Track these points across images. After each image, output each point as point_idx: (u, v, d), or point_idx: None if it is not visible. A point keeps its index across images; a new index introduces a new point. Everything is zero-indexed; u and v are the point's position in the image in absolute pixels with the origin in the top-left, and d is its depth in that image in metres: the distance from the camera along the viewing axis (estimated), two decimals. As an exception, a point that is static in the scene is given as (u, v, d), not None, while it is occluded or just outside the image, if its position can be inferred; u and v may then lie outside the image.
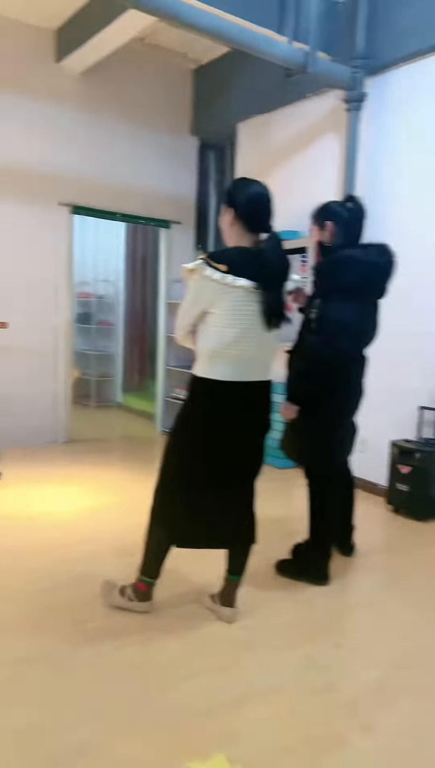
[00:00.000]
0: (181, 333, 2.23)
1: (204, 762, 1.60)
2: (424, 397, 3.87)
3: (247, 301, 2.07)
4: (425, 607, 2.56)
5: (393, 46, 3.98)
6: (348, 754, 1.67)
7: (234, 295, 2.05)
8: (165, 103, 5.63)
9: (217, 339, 2.10)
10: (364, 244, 2.68)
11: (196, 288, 2.09)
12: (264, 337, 2.14)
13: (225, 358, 2.11)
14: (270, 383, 2.27)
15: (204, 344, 2.14)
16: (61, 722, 1.76)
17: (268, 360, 2.24)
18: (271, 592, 2.62)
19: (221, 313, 2.07)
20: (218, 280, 2.02)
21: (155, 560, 2.34)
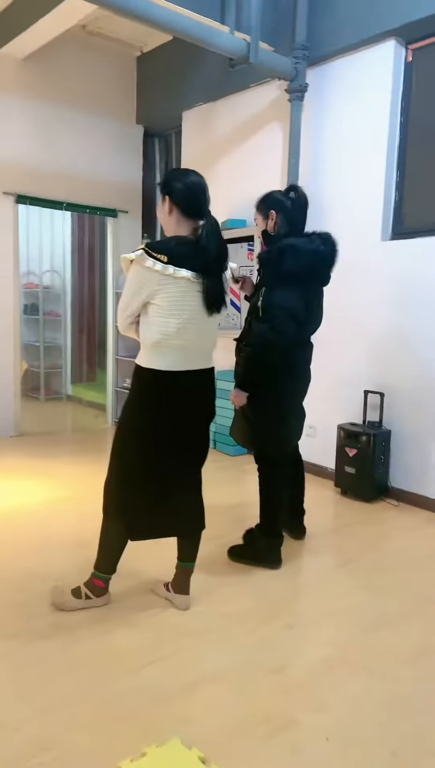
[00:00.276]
0: (124, 324, 2.22)
1: (160, 746, 1.64)
2: (369, 382, 3.99)
3: (189, 291, 2.09)
4: (373, 587, 2.66)
5: (333, 37, 4.04)
6: (299, 732, 1.74)
7: (176, 285, 2.06)
8: (109, 90, 5.55)
9: (161, 329, 2.11)
10: (307, 233, 2.74)
11: (137, 279, 2.08)
12: (206, 326, 2.18)
13: (169, 348, 2.13)
14: (213, 370, 2.31)
15: (148, 335, 2.15)
16: (18, 718, 1.76)
17: (210, 348, 2.28)
18: (224, 578, 2.68)
19: (163, 303, 2.08)
20: (160, 271, 2.03)
21: (111, 556, 2.36)
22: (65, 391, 7.27)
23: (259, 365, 2.63)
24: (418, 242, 3.70)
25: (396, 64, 3.83)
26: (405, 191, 3.93)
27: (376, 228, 3.93)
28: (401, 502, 3.76)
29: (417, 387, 3.71)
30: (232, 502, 3.68)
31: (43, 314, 6.99)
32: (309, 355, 2.86)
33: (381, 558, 2.96)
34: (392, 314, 3.83)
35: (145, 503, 2.28)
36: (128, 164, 5.79)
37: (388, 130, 3.86)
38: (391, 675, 2.02)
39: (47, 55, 5.02)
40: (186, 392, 2.20)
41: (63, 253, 7.14)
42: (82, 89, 5.37)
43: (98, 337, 6.85)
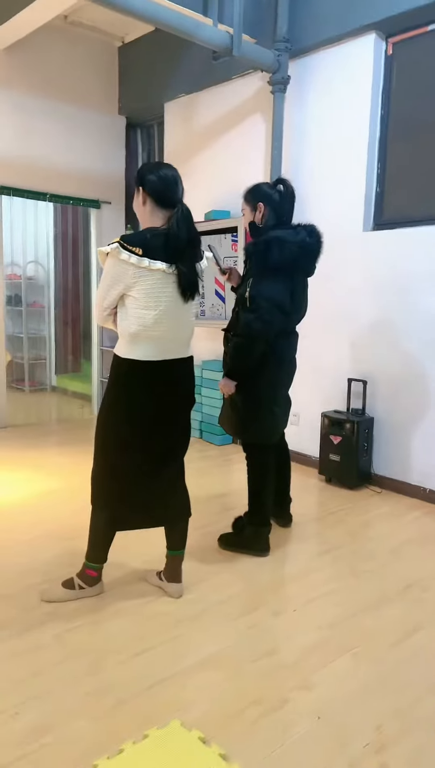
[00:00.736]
0: (101, 316, 2.27)
1: (161, 729, 1.71)
2: (352, 370, 4.07)
3: (165, 283, 2.15)
4: (357, 572, 2.75)
5: (314, 30, 4.07)
6: (291, 711, 1.83)
7: (152, 277, 2.11)
8: (91, 81, 5.53)
9: (138, 321, 2.16)
10: (293, 225, 2.80)
11: (114, 271, 2.12)
12: (182, 316, 2.24)
13: (147, 338, 2.19)
14: (191, 359, 2.37)
15: (125, 326, 2.20)
16: (17, 703, 1.82)
17: (187, 337, 2.33)
18: (214, 566, 2.75)
19: (140, 295, 2.13)
20: (135, 263, 2.08)
21: (101, 546, 2.41)
22: (50, 382, 7.27)
23: (247, 354, 2.69)
24: (399, 233, 3.78)
25: (376, 57, 3.88)
26: (386, 183, 4.00)
27: (358, 219, 4.00)
28: (384, 489, 3.87)
29: (398, 374, 3.81)
30: (220, 491, 3.75)
31: (26, 305, 6.97)
32: (294, 344, 2.93)
33: (365, 544, 3.06)
34: (374, 303, 3.92)
35: (128, 493, 2.34)
36: (111, 155, 5.78)
37: (369, 123, 3.92)
38: (375, 656, 2.12)
39: (29, 46, 4.99)
40: (165, 381, 2.26)
41: (46, 244, 7.11)
42: (65, 79, 5.34)
43: (82, 328, 6.85)
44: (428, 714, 1.84)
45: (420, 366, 3.68)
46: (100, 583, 2.47)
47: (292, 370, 2.96)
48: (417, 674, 2.03)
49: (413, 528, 3.29)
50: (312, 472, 4.18)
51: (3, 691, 1.88)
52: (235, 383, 2.77)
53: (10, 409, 5.46)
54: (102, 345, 6.00)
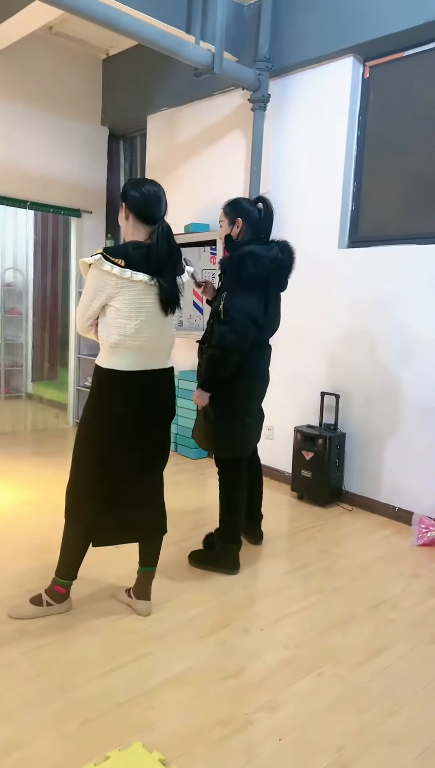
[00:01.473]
0: (83, 326, 2.29)
1: (122, 750, 1.73)
2: (326, 383, 4.13)
3: (146, 294, 2.18)
4: (326, 590, 2.78)
5: (295, 50, 4.15)
6: (255, 731, 1.85)
7: (133, 288, 2.15)
8: (74, 91, 5.55)
9: (119, 331, 2.19)
10: (267, 240, 2.86)
11: (96, 282, 2.16)
12: (162, 327, 2.27)
13: (127, 348, 2.21)
14: (171, 370, 2.40)
15: (106, 336, 2.23)
16: (-17, 725, 1.82)
17: (168, 348, 2.36)
18: (184, 583, 2.77)
19: (121, 306, 2.17)
20: (117, 274, 2.12)
21: (72, 560, 2.40)
22: (25, 389, 7.22)
23: (221, 366, 2.72)
24: (373, 250, 3.85)
25: (354, 80, 3.96)
26: (361, 201, 4.07)
27: (334, 236, 4.07)
28: (354, 507, 3.91)
29: (371, 389, 3.86)
30: (193, 506, 3.76)
31: (4, 312, 6.92)
32: (268, 357, 2.98)
33: (335, 562, 3.09)
34: (347, 318, 3.98)
35: (104, 507, 2.34)
36: (93, 165, 5.79)
37: (346, 142, 3.99)
38: (340, 676, 2.15)
39: (13, 55, 4.99)
40: (145, 392, 2.28)
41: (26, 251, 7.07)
42: (48, 89, 5.35)
43: (60, 336, 6.83)
44: (390, 733, 1.88)
45: (392, 381, 3.74)
46: (69, 599, 2.46)
47: (266, 382, 3.01)
48: (381, 694, 2.07)
49: (383, 546, 3.34)
50: (285, 488, 4.21)
51: (-32, 711, 1.88)
52: (208, 395, 2.80)
53: (-16, 417, 5.43)
54: (79, 353, 5.99)
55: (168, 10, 4.01)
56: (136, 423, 2.28)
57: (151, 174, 5.42)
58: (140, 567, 2.52)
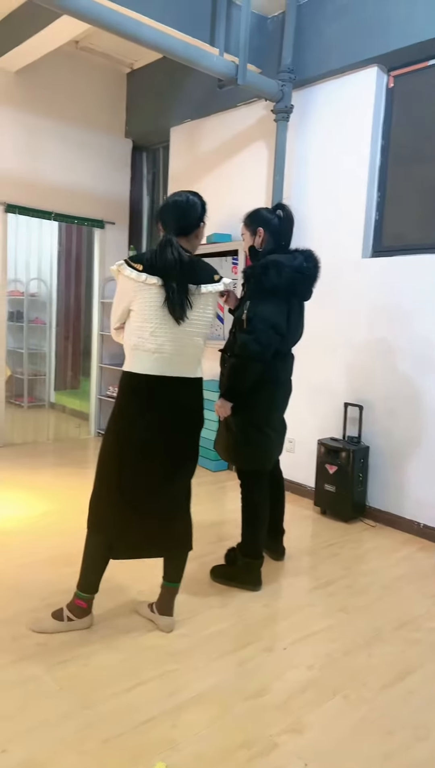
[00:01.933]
0: (113, 331, 2.42)
1: (146, 772, 1.71)
2: (349, 394, 4.08)
3: (161, 298, 2.21)
4: (350, 609, 2.74)
5: (318, 61, 4.15)
6: (280, 755, 1.81)
7: (149, 292, 2.20)
8: (99, 104, 5.62)
9: (137, 333, 2.25)
10: (291, 249, 2.85)
11: (120, 287, 2.28)
12: (180, 333, 2.26)
13: (146, 351, 2.24)
14: (198, 381, 2.37)
15: (127, 339, 2.31)
16: (5, 739, 1.81)
17: (192, 356, 2.33)
18: (206, 599, 2.74)
19: (139, 309, 2.23)
20: (135, 278, 2.20)
21: (93, 574, 2.39)
22: (48, 398, 7.29)
23: (243, 375, 2.70)
24: (397, 260, 3.82)
25: (378, 90, 3.95)
26: (385, 211, 4.05)
27: (357, 245, 4.05)
28: (378, 523, 3.85)
29: (394, 400, 3.81)
30: (213, 519, 3.74)
31: (27, 321, 7.00)
32: (290, 366, 2.95)
33: (358, 580, 3.04)
34: (372, 329, 3.94)
35: (125, 517, 2.32)
36: (116, 177, 5.85)
37: (370, 152, 3.97)
38: (365, 699, 2.11)
39: (40, 69, 5.09)
40: (164, 398, 2.27)
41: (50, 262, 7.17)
42: (73, 103, 5.43)
43: (83, 345, 6.89)
44: (417, 759, 1.83)
45: (416, 392, 3.69)
46: (90, 615, 2.44)
47: (288, 391, 2.98)
48: (407, 718, 2.02)
49: (407, 564, 3.28)
50: (306, 502, 4.16)
51: (-8, 728, 1.87)
52: (230, 405, 2.77)
53: (7, 426, 5.47)
54: (101, 362, 6.02)
55: (192, 23, 4.04)
56: (157, 430, 2.28)
57: (173, 185, 5.45)
58: (164, 582, 2.50)
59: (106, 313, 5.96)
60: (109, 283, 5.94)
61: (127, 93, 5.82)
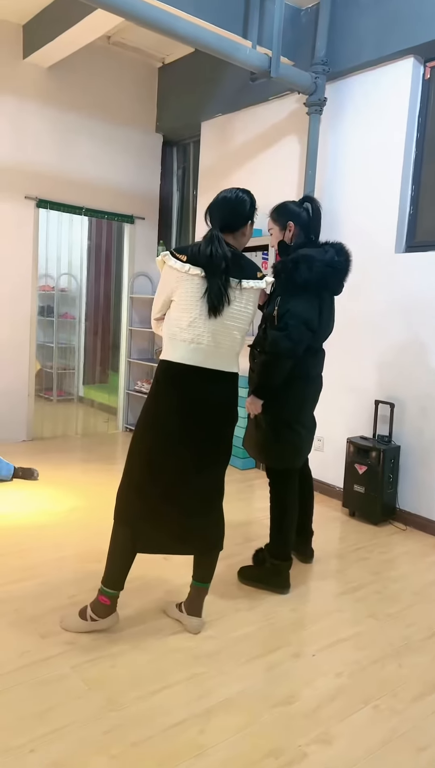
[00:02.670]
0: (153, 319, 2.45)
1: (173, 779, 1.70)
2: (379, 391, 4.01)
3: (202, 289, 2.23)
4: (380, 616, 2.69)
5: (352, 53, 4.07)
6: (308, 766, 1.79)
7: (190, 282, 2.22)
8: (130, 99, 5.60)
9: (175, 323, 2.27)
10: (321, 243, 2.80)
11: (163, 276, 2.31)
12: (218, 325, 2.26)
13: (182, 341, 2.25)
14: (234, 375, 2.36)
15: (166, 328, 2.33)
16: (33, 738, 1.82)
17: (229, 350, 2.32)
18: (234, 601, 2.72)
19: (180, 299, 2.25)
20: (178, 268, 2.22)
21: (119, 568, 2.35)
22: (77, 392, 7.34)
23: (274, 372, 2.67)
24: (431, 255, 3.74)
25: (414, 81, 3.86)
26: (419, 205, 3.96)
27: (391, 240, 3.97)
28: (408, 526, 3.78)
29: (427, 398, 3.73)
30: (241, 519, 3.72)
31: (57, 316, 7.05)
32: (321, 361, 2.90)
33: (388, 585, 2.99)
34: (404, 324, 3.87)
35: (152, 509, 2.30)
36: (146, 172, 5.83)
37: (404, 145, 3.89)
38: (396, 710, 2.07)
39: (71, 65, 5.09)
40: (197, 389, 2.27)
41: (80, 256, 7.20)
42: (104, 98, 5.42)
43: (112, 340, 6.92)
44: (449, 777, 1.79)
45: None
46: (115, 614, 2.41)
47: (319, 387, 2.94)
48: (438, 731, 1.98)
49: (438, 569, 3.22)
50: (335, 503, 4.11)
51: (20, 725, 1.88)
52: (261, 402, 2.74)
53: (37, 420, 5.52)
54: (130, 357, 6.04)
55: (225, 16, 4.00)
56: (188, 421, 2.27)
57: (203, 180, 5.41)
58: (193, 581, 2.48)
59: (135, 308, 5.97)
60: (138, 278, 5.94)
61: (158, 88, 5.78)
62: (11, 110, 4.92)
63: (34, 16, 4.69)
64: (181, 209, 6.08)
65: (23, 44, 4.88)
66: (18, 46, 4.88)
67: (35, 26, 4.72)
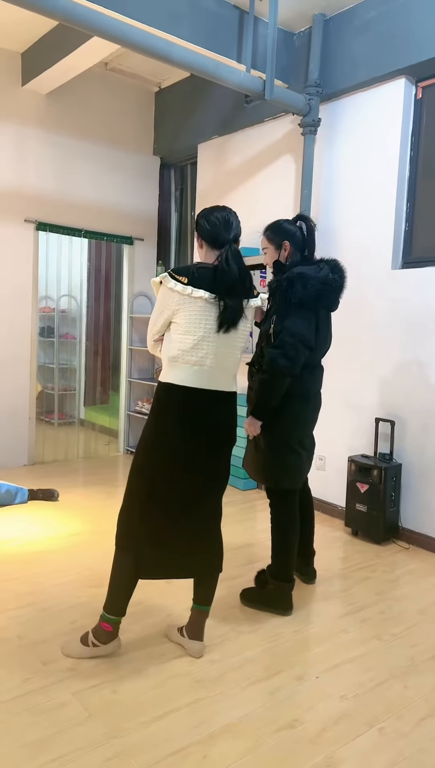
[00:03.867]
0: (150, 342, 2.42)
1: (176, 809, 1.67)
2: (380, 409, 4.01)
3: (206, 311, 2.23)
4: (384, 637, 2.66)
5: (344, 75, 4.14)
6: (311, 791, 1.77)
7: (194, 305, 2.22)
8: (128, 123, 5.69)
9: (178, 345, 2.25)
10: (316, 260, 2.81)
11: (162, 299, 2.28)
12: (223, 347, 2.28)
13: (185, 363, 2.25)
14: (234, 395, 2.37)
15: (167, 350, 2.31)
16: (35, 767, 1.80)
17: (230, 370, 2.34)
18: (236, 624, 2.70)
19: (182, 321, 2.24)
20: (180, 291, 2.21)
21: (122, 593, 2.34)
22: (78, 414, 7.34)
23: (272, 391, 2.67)
24: (427, 271, 3.76)
25: (406, 101, 3.92)
26: (415, 221, 4.00)
27: (387, 257, 4.00)
28: (411, 545, 3.75)
29: (427, 415, 3.72)
30: (242, 540, 3.70)
31: (58, 337, 7.07)
32: (320, 378, 2.90)
33: (391, 605, 2.96)
34: (403, 340, 3.87)
35: (154, 535, 2.29)
36: (144, 194, 5.90)
37: (399, 163, 3.94)
38: (402, 732, 2.04)
39: (69, 91, 5.18)
40: (201, 412, 2.27)
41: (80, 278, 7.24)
42: (102, 123, 5.51)
43: (112, 360, 6.94)
44: (456, 802, 1.76)
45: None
46: (117, 640, 2.39)
47: (318, 405, 2.93)
48: (445, 755, 1.95)
49: (443, 588, 3.19)
50: (337, 523, 4.08)
51: (22, 753, 1.86)
52: (260, 423, 2.74)
53: (38, 444, 5.52)
54: (130, 377, 6.05)
55: (219, 41, 4.07)
56: (191, 445, 2.27)
57: (201, 201, 5.46)
58: (194, 605, 2.47)
59: (135, 328, 6.00)
60: (137, 298, 5.97)
61: (155, 111, 5.87)
62: (11, 136, 4.99)
63: (33, 43, 4.79)
64: (180, 230, 6.13)
65: (22, 71, 4.97)
66: (17, 74, 4.97)
67: (34, 54, 4.81)
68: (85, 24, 3.36)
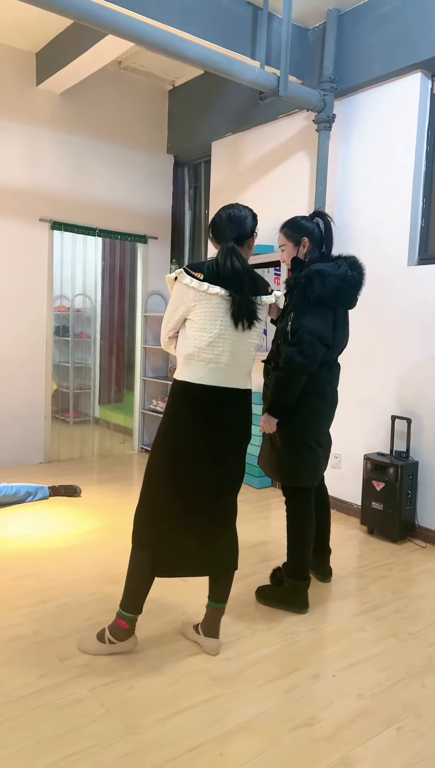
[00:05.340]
0: (165, 339, 2.40)
1: (192, 806, 1.67)
2: (396, 406, 3.98)
3: (221, 308, 2.22)
4: (401, 635, 2.64)
5: (360, 70, 4.11)
6: (328, 790, 1.76)
7: (210, 301, 2.20)
8: (141, 122, 5.70)
9: (193, 342, 2.24)
10: (334, 257, 2.79)
11: (177, 295, 2.27)
12: (238, 344, 2.27)
13: (201, 361, 2.23)
14: (249, 393, 2.36)
15: (182, 348, 2.29)
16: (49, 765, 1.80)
17: (245, 367, 2.33)
18: (251, 621, 2.69)
19: (197, 318, 2.22)
20: (196, 287, 2.20)
21: (138, 591, 2.34)
22: (93, 413, 7.36)
23: (289, 389, 2.65)
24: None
25: (422, 95, 3.88)
26: (431, 217, 3.96)
27: (403, 253, 3.97)
28: (428, 543, 3.72)
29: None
30: (258, 538, 3.69)
31: (73, 336, 7.10)
32: (337, 375, 2.88)
33: (408, 604, 2.94)
34: (419, 337, 3.84)
35: (170, 533, 2.29)
36: (158, 192, 5.91)
37: (414, 158, 3.90)
38: (420, 732, 2.02)
39: (83, 90, 5.20)
40: (217, 410, 2.26)
41: (94, 277, 7.26)
42: (116, 122, 5.52)
43: (126, 358, 6.96)
44: (476, 803, 1.74)
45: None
46: (133, 637, 2.40)
47: (334, 402, 2.91)
48: (464, 755, 1.93)
49: (460, 586, 3.16)
50: (352, 521, 4.06)
51: (38, 748, 1.87)
52: (276, 420, 2.72)
53: (54, 443, 5.55)
54: (144, 375, 6.06)
55: (233, 37, 4.05)
56: (207, 442, 2.26)
57: (215, 199, 5.46)
58: (209, 602, 2.46)
59: (149, 327, 6.01)
60: (151, 297, 5.98)
61: (168, 109, 5.87)
62: (26, 135, 5.03)
63: (47, 43, 4.81)
64: (193, 228, 6.13)
65: (36, 71, 5.00)
66: (31, 74, 5.00)
67: (48, 54, 4.83)
68: (99, 22, 3.36)
